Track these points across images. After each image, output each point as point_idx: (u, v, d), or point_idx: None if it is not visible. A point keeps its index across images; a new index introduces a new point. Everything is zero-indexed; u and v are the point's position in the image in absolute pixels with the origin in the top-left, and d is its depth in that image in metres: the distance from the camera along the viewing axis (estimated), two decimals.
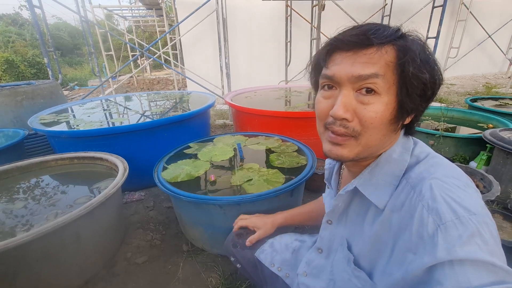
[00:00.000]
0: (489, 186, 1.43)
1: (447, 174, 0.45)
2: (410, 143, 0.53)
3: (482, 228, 0.38)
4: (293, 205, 1.37)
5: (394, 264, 0.46)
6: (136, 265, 1.30)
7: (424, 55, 0.45)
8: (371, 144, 0.49)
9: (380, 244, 0.50)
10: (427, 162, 0.50)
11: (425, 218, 0.41)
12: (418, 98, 0.46)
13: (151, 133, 1.85)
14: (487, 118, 2.43)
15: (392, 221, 0.48)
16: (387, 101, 0.46)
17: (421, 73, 0.44)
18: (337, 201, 0.62)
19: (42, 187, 1.49)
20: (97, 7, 6.31)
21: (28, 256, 0.96)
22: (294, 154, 1.56)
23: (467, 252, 0.36)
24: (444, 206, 0.40)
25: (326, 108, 0.50)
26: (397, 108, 0.47)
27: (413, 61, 0.44)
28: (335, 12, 4.48)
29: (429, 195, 0.43)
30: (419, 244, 0.41)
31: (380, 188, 0.52)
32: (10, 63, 8.83)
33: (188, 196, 1.13)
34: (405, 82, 0.45)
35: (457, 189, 0.42)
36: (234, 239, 1.00)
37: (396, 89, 0.46)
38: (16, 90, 2.32)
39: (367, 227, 0.55)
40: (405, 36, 0.47)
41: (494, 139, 1.67)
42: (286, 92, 3.46)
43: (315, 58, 0.54)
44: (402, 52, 0.44)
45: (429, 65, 0.45)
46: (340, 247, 0.63)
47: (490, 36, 6.41)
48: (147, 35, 12.75)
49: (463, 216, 0.39)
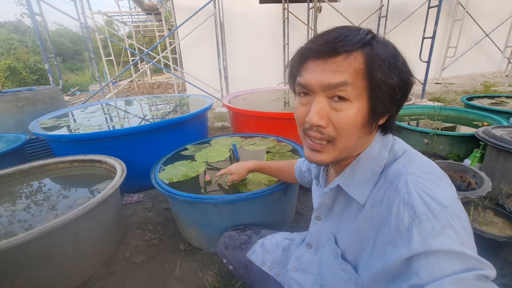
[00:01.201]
0: (481, 182, 1.45)
1: (422, 169, 0.48)
2: (388, 140, 0.55)
3: (454, 220, 0.40)
4: (288, 203, 1.40)
5: (376, 257, 0.49)
6: (134, 264, 1.33)
7: (392, 60, 0.46)
8: (347, 147, 0.52)
9: (363, 238, 0.53)
10: (405, 158, 0.52)
11: (401, 212, 0.44)
12: (388, 102, 0.48)
13: (149, 136, 1.88)
14: (482, 116, 2.45)
15: (373, 216, 0.51)
16: (358, 107, 0.47)
17: (389, 78, 0.46)
18: (323, 198, 0.64)
19: (43, 190, 1.52)
20: (97, 13, 6.40)
21: (28, 255, 0.99)
22: (289, 154, 1.59)
23: (439, 243, 0.38)
24: (418, 200, 0.43)
25: (303, 115, 0.52)
26: (369, 112, 0.48)
27: (380, 67, 0.45)
28: (331, 14, 4.53)
29: (405, 190, 0.45)
30: (397, 237, 0.43)
31: (361, 184, 0.54)
32: (12, 69, 8.95)
33: (183, 196, 1.16)
34: (374, 87, 0.46)
35: (431, 183, 0.45)
36: (226, 241, 1.03)
37: (366, 94, 0.47)
38: (18, 96, 2.37)
39: (351, 222, 0.57)
40: (372, 41, 0.47)
41: (486, 136, 1.69)
42: (284, 94, 3.50)
43: (289, 66, 0.56)
44: (369, 58, 0.45)
45: (398, 69, 0.47)
46: (328, 242, 0.65)
47: (488, 35, 6.44)
48: (147, 39, 12.87)
49: (436, 209, 0.41)
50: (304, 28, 5.21)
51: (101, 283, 1.23)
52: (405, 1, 5.83)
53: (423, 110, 2.84)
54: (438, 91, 5.49)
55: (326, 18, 4.94)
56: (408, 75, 0.48)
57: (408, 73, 0.49)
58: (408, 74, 0.48)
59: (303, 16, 5.10)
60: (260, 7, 5.41)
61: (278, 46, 5.65)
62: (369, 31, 0.49)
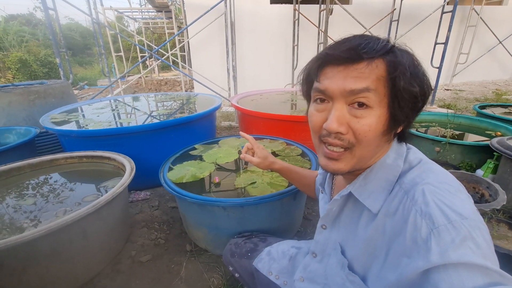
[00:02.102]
0: (495, 195, 1.42)
1: (439, 179, 0.46)
2: (403, 149, 0.54)
3: (475, 232, 0.39)
4: (296, 208, 1.38)
5: (389, 268, 0.47)
6: (140, 263, 1.32)
7: (413, 68, 0.46)
8: (365, 155, 0.51)
9: (374, 249, 0.51)
10: (420, 168, 0.50)
11: (418, 222, 0.42)
12: (409, 111, 0.48)
13: (158, 134, 1.88)
14: (495, 126, 2.39)
15: (386, 226, 0.49)
16: (379, 114, 0.47)
17: (412, 87, 0.45)
18: (331, 205, 0.62)
19: (52, 185, 1.53)
20: (108, 9, 6.45)
21: (37, 251, 0.99)
22: (298, 158, 1.58)
23: (460, 256, 0.37)
24: (437, 211, 0.41)
25: (320, 121, 0.51)
26: (389, 120, 0.48)
27: (403, 76, 0.45)
28: (342, 17, 4.49)
29: (422, 200, 0.43)
30: (413, 248, 0.42)
31: (374, 193, 0.53)
32: (23, 62, 9.08)
33: (192, 197, 1.15)
34: (397, 95, 0.46)
35: (448, 194, 0.43)
36: (232, 249, 1.01)
37: (387, 101, 0.47)
38: (29, 89, 2.39)
39: (360, 231, 0.55)
40: (394, 49, 0.47)
41: (501, 147, 1.65)
42: (292, 96, 3.48)
43: (306, 70, 0.55)
44: (392, 66, 0.45)
45: (419, 78, 0.46)
46: (334, 252, 0.63)
47: (501, 42, 6.33)
48: (156, 36, 12.94)
49: (455, 221, 0.39)
50: (314, 30, 5.18)
51: (107, 281, 1.22)
52: (418, 6, 5.75)
53: (434, 117, 2.80)
54: (448, 97, 5.41)
55: (337, 20, 4.90)
56: (428, 84, 0.48)
57: (428, 83, 0.48)
58: (428, 83, 0.48)
59: (314, 18, 5.07)
60: (270, 7, 5.39)
61: (287, 47, 5.62)
62: (388, 41, 0.48)
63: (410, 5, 5.66)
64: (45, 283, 1.06)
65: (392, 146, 0.54)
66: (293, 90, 3.99)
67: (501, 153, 1.63)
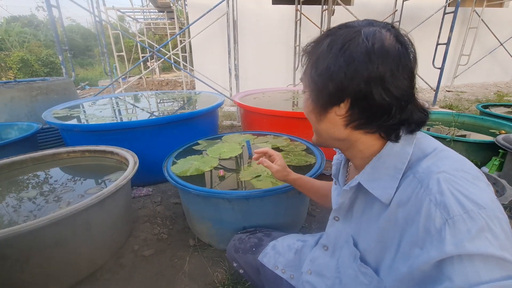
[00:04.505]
0: (502, 190, 1.40)
1: (456, 167, 0.44)
2: (413, 137, 0.52)
3: (493, 222, 0.37)
4: (301, 203, 1.37)
5: (401, 259, 0.45)
6: (143, 258, 1.31)
7: (316, 57, 0.54)
8: (316, 132, 0.60)
9: (386, 240, 0.50)
10: (436, 156, 0.48)
11: (432, 212, 0.40)
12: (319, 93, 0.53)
13: (161, 130, 1.87)
14: (499, 124, 2.38)
15: (398, 216, 0.47)
16: (307, 96, 0.57)
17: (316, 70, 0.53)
18: (343, 198, 0.61)
19: (55, 178, 1.52)
20: (111, 9, 6.47)
21: (40, 241, 0.98)
22: (303, 153, 1.56)
23: (476, 247, 0.35)
24: (452, 200, 0.39)
25: None
26: (313, 100, 0.55)
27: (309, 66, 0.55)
28: (344, 17, 4.47)
29: (437, 189, 0.41)
30: (426, 239, 0.40)
31: (382, 182, 0.51)
32: (25, 62, 9.09)
33: (197, 190, 1.13)
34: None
35: (466, 182, 0.41)
36: (236, 244, 1.00)
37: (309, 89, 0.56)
38: (32, 85, 2.38)
39: (372, 223, 0.54)
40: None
41: (507, 144, 1.64)
42: (293, 94, 3.47)
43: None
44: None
45: (321, 64, 0.52)
46: (346, 244, 0.62)
47: (502, 44, 6.34)
48: (158, 37, 12.98)
49: (472, 211, 0.38)
50: (316, 31, 5.18)
51: (109, 275, 1.21)
52: (419, 7, 5.77)
53: (437, 116, 2.79)
54: (449, 98, 5.41)
55: (339, 21, 4.82)
56: (333, 66, 0.51)
57: (333, 64, 0.51)
58: (333, 65, 0.51)
59: (316, 19, 5.09)
60: (272, 7, 5.40)
61: (289, 48, 5.63)
62: None
63: (412, 6, 5.68)
64: (47, 275, 1.05)
65: (402, 136, 0.51)
66: (294, 89, 3.98)
67: (507, 149, 1.62)
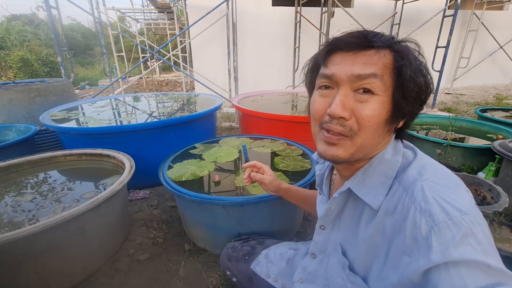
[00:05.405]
0: (497, 197, 1.40)
1: (438, 175, 0.46)
2: (400, 146, 0.54)
3: (475, 228, 0.38)
4: (296, 208, 1.37)
5: (390, 268, 0.46)
6: (138, 262, 1.31)
7: (418, 62, 0.48)
8: (365, 144, 0.49)
9: (375, 248, 0.50)
10: (418, 163, 0.50)
11: (418, 220, 0.41)
12: (413, 101, 0.48)
13: (158, 133, 1.87)
14: (497, 129, 2.39)
15: (385, 225, 0.48)
16: (383, 101, 0.47)
17: (417, 77, 0.46)
18: (330, 204, 0.61)
19: (51, 182, 1.52)
20: (111, 9, 6.47)
21: (35, 247, 0.98)
22: (299, 158, 1.57)
23: (460, 253, 0.36)
24: (436, 207, 0.40)
25: (323, 107, 0.50)
26: (393, 109, 0.48)
27: (410, 65, 0.46)
28: (344, 19, 4.49)
29: (421, 197, 0.43)
30: (413, 247, 0.41)
31: (373, 188, 0.52)
32: (25, 61, 9.08)
33: (192, 195, 1.14)
34: (402, 84, 0.46)
35: (447, 189, 0.43)
36: (229, 253, 0.99)
37: (392, 91, 0.47)
38: (30, 87, 2.38)
39: (361, 231, 0.54)
40: (400, 43, 0.49)
41: (503, 150, 1.64)
42: (293, 97, 3.47)
43: (313, 59, 0.56)
44: (399, 56, 0.46)
45: (423, 71, 0.48)
46: (334, 252, 0.62)
47: (502, 47, 6.34)
48: (158, 37, 12.98)
49: (456, 217, 0.39)
50: (316, 33, 5.19)
51: (104, 279, 1.21)
52: (419, 10, 5.77)
53: (435, 119, 2.79)
54: (449, 101, 5.41)
55: (339, 23, 4.89)
56: (430, 80, 0.49)
57: (431, 77, 0.49)
58: (431, 77, 0.49)
59: (316, 20, 5.09)
60: (272, 9, 5.41)
61: (288, 49, 5.63)
62: (393, 36, 0.50)
63: (411, 8, 5.69)
64: (42, 280, 1.05)
65: (390, 143, 0.54)
66: (294, 91, 3.99)
67: (503, 155, 1.63)
